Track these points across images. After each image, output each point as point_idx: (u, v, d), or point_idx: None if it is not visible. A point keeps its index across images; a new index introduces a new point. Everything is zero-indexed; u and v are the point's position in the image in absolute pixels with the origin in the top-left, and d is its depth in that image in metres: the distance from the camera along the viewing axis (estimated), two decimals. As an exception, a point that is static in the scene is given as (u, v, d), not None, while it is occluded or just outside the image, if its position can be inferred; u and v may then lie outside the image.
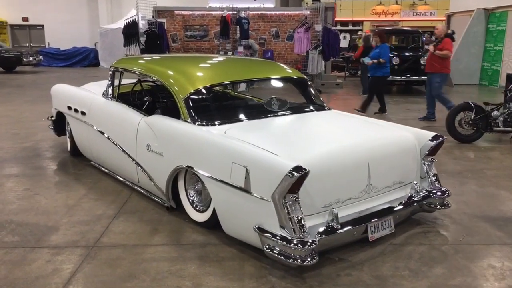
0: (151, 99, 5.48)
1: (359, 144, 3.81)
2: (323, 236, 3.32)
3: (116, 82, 5.36)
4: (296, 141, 3.75)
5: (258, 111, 4.41)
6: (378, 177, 3.77)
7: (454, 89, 14.37)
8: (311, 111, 4.67)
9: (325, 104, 4.86)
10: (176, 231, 4.03)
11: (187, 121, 4.15)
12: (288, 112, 4.46)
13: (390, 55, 13.10)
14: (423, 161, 4.18)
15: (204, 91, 4.31)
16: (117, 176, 5.24)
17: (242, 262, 3.50)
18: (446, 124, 7.50)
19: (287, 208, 3.20)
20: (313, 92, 4.95)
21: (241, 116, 4.28)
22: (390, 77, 12.89)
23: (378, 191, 3.80)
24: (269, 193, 3.25)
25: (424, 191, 4.06)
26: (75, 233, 3.98)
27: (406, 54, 13.44)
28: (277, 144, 3.60)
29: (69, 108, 5.87)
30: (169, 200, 4.35)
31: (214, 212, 3.87)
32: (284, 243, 3.19)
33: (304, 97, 4.94)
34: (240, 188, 3.44)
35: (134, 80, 5.77)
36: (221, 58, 5.59)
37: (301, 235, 3.19)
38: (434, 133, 4.21)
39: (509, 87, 8.04)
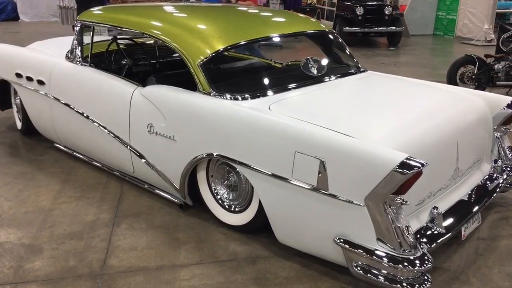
0: (131, 62, 4.32)
1: (448, 119, 2.98)
2: (428, 245, 2.51)
3: (87, 41, 4.11)
4: (371, 119, 2.84)
5: (297, 77, 3.42)
6: (464, 158, 3.00)
7: (411, 40, 13.95)
8: (352, 73, 3.74)
9: (359, 65, 3.95)
10: (205, 240, 3.06)
11: (209, 94, 3.10)
12: (330, 76, 3.51)
13: (353, 5, 12.34)
14: (495, 132, 3.45)
15: (226, 53, 3.25)
16: (94, 162, 4.10)
17: (315, 284, 2.63)
18: (447, 80, 6.89)
19: (390, 215, 2.34)
20: (347, 50, 4.01)
21: (280, 84, 3.27)
22: (355, 28, 12.20)
23: (463, 175, 3.04)
24: (361, 194, 2.37)
25: (503, 168, 3.35)
26: (67, 254, 2.90)
27: (370, 3, 12.68)
28: (352, 124, 2.68)
29: (19, 75, 4.53)
30: (185, 197, 3.34)
31: (258, 213, 2.94)
32: (386, 261, 2.35)
33: (336, 56, 3.99)
34: (310, 187, 2.52)
35: (103, 38, 4.55)
36: (222, 8, 4.42)
37: (410, 251, 2.35)
38: (510, 98, 3.46)
39: (502, 38, 7.55)
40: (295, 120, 2.66)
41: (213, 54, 3.18)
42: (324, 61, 3.62)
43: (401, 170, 2.23)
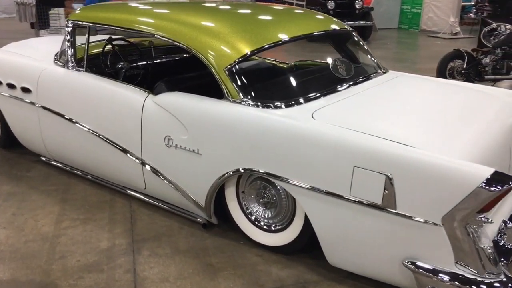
0: (128, 65, 3.94)
1: (500, 124, 2.79)
2: (505, 263, 2.31)
3: (81, 44, 3.69)
4: (427, 127, 2.60)
5: (328, 80, 3.15)
6: (513, 163, 2.83)
7: (379, 34, 13.98)
8: (379, 74, 3.49)
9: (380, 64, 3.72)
10: (243, 265, 2.76)
11: (240, 102, 2.78)
12: (360, 78, 3.26)
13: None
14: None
15: (254, 57, 2.94)
16: (93, 178, 3.70)
17: (380, 311, 2.39)
18: (437, 74, 6.83)
19: (472, 236, 2.12)
20: (369, 50, 3.78)
21: (313, 89, 2.98)
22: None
23: None
24: (438, 213, 2.14)
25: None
26: (89, 290, 2.53)
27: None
28: (411, 134, 2.45)
29: None
30: (210, 216, 3.02)
31: (303, 233, 2.68)
32: (467, 286, 2.13)
33: (359, 56, 3.74)
34: (373, 206, 2.27)
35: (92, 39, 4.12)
36: (237, 5, 3.99)
37: (493, 274, 2.14)
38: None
39: (483, 32, 7.57)
40: (352, 131, 2.39)
41: (241, 58, 2.86)
42: (351, 62, 3.37)
43: (488, 187, 2.01)
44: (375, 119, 2.62)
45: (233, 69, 2.83)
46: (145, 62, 4.19)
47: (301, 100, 2.79)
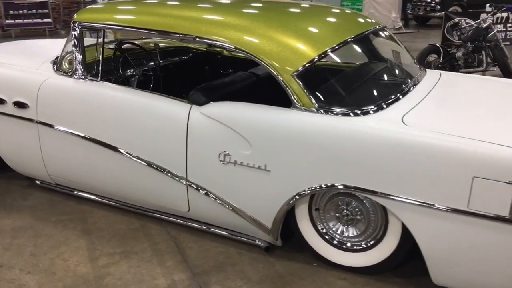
0: (141, 72, 3.51)
1: None
2: None
3: (93, 49, 3.21)
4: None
5: (392, 82, 2.93)
6: None
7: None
8: (424, 73, 3.31)
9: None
10: (331, 292, 2.48)
11: (314, 110, 2.49)
12: (415, 78, 3.07)
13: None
14: None
15: (321, 60, 2.64)
16: (105, 201, 3.25)
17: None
18: (415, 71, 6.86)
19: None
20: (404, 46, 3.60)
21: (386, 92, 2.73)
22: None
23: None
24: None
25: None
26: None
27: None
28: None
29: None
30: (276, 238, 2.71)
31: (398, 251, 2.45)
32: None
33: (399, 54, 3.53)
34: (498, 219, 2.09)
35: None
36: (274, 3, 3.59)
37: None
38: None
39: (446, 27, 7.77)
40: (467, 139, 2.18)
41: (311, 61, 2.56)
42: (398, 62, 3.18)
43: None
44: (474, 123, 2.42)
45: (303, 74, 2.53)
46: (153, 67, 3.75)
47: (382, 104, 2.54)
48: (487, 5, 8.97)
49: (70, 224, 3.12)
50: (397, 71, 2.97)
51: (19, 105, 3.28)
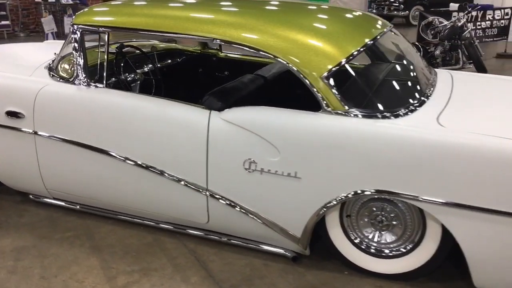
0: (142, 76, 3.34)
1: None
2: None
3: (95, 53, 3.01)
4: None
5: (413, 82, 2.87)
6: None
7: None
8: (434, 73, 3.28)
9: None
10: (370, 301, 2.40)
11: (345, 114, 2.40)
12: (434, 79, 3.02)
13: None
14: None
15: (348, 62, 2.55)
16: (110, 215, 3.07)
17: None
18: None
19: None
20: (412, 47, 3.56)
21: (413, 92, 2.66)
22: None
23: None
24: None
25: None
26: None
27: None
28: None
29: None
30: (305, 247, 2.61)
31: (437, 255, 2.40)
32: None
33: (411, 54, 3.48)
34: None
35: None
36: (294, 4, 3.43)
37: None
38: None
39: (421, 25, 7.90)
40: (508, 140, 2.15)
41: (339, 64, 2.47)
42: (415, 62, 3.14)
43: None
44: (508, 123, 2.39)
45: (332, 76, 2.43)
46: (151, 70, 3.57)
47: (412, 106, 2.48)
48: (451, 4, 9.22)
49: (76, 241, 2.91)
50: (417, 72, 2.93)
51: (13, 114, 3.04)
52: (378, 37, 2.77)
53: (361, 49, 2.58)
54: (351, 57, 2.51)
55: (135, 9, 3.03)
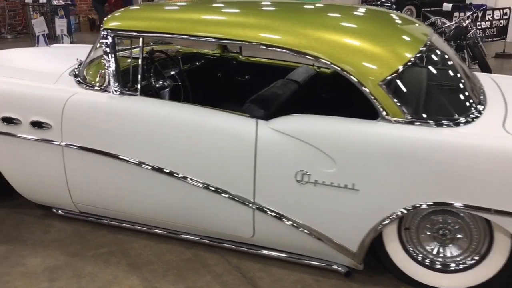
0: (172, 82, 3.19)
1: None
2: None
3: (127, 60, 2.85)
4: None
5: (463, 85, 2.77)
6: None
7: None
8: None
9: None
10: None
11: (405, 122, 2.29)
12: (480, 83, 2.92)
13: None
14: None
15: (406, 69, 2.43)
16: (142, 228, 2.92)
17: None
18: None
19: None
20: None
21: (468, 101, 2.52)
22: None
23: None
24: None
25: None
26: None
27: None
28: None
29: None
30: (360, 262, 2.49)
31: (506, 268, 2.29)
32: None
33: (455, 60, 3.32)
34: None
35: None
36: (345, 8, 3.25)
37: None
38: None
39: (424, 25, 7.84)
40: None
41: (398, 70, 2.35)
42: (462, 67, 3.04)
43: None
44: None
45: (390, 83, 2.32)
46: (178, 76, 3.43)
47: (472, 113, 2.37)
48: (444, 4, 9.22)
49: (111, 258, 2.75)
50: (467, 77, 2.83)
51: (38, 125, 2.86)
52: (428, 42, 2.66)
53: (418, 55, 2.47)
54: (408, 63, 2.39)
55: (172, 13, 2.87)
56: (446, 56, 2.76)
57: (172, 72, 3.38)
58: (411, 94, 2.39)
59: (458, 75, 2.65)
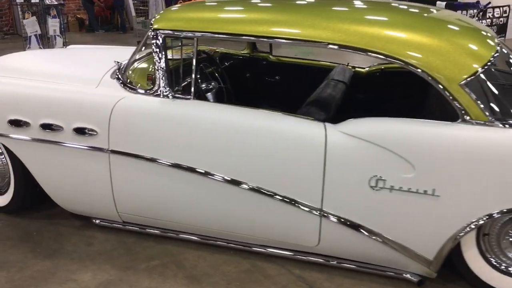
0: (217, 85, 3.06)
1: None
2: None
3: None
4: None
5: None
6: None
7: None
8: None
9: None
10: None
11: (488, 124, 2.20)
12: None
13: None
14: None
15: (485, 69, 2.33)
16: (193, 238, 2.79)
17: None
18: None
19: None
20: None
21: None
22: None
23: None
24: None
25: None
26: None
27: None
28: None
29: (15, 123, 2.83)
30: (436, 270, 2.40)
31: None
32: None
33: None
34: None
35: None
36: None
37: None
38: None
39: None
40: None
41: (478, 71, 2.26)
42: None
43: None
44: None
45: (471, 84, 2.23)
46: (220, 77, 3.29)
47: None
48: (438, 2, 9.23)
49: (166, 271, 2.60)
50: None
51: (81, 132, 2.69)
52: (499, 42, 2.58)
53: (495, 55, 2.38)
54: (488, 64, 2.30)
55: (229, 13, 2.72)
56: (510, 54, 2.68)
57: (216, 74, 3.24)
58: (492, 95, 2.30)
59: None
